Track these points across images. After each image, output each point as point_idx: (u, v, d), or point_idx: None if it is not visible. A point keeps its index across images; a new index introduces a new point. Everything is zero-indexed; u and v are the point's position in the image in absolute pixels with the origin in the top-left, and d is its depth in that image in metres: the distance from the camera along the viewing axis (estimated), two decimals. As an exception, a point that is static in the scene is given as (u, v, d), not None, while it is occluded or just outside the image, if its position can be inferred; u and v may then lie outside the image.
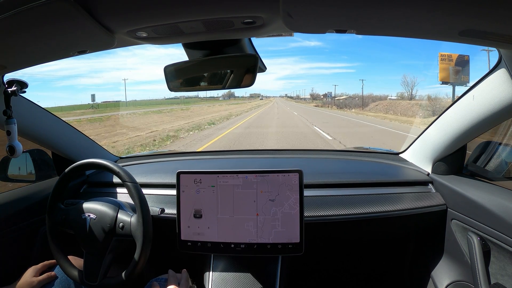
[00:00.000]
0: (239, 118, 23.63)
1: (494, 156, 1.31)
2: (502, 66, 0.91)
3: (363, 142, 10.92)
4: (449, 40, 0.76)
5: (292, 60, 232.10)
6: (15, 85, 1.02)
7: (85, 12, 0.62)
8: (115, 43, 0.80)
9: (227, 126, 17.54)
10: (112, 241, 1.08)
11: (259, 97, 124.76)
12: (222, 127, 17.10)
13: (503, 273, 1.03)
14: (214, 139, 11.73)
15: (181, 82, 1.01)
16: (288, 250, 1.10)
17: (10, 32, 0.69)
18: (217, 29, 0.77)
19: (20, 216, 1.27)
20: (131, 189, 1.08)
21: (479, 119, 1.06)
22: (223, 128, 16.41)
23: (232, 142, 10.62)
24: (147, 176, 1.48)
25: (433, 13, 0.60)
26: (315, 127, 15.72)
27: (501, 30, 0.65)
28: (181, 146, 10.59)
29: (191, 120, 22.53)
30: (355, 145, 8.36)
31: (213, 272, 1.16)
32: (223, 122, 20.90)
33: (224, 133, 13.62)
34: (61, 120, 1.47)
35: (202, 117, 25.73)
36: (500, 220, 1.01)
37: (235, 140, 11.28)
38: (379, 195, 1.32)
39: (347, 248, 1.66)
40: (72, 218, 1.12)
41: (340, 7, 0.61)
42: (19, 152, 1.04)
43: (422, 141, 1.46)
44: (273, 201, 1.11)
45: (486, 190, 1.15)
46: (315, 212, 1.24)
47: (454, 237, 1.23)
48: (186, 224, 1.14)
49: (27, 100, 1.24)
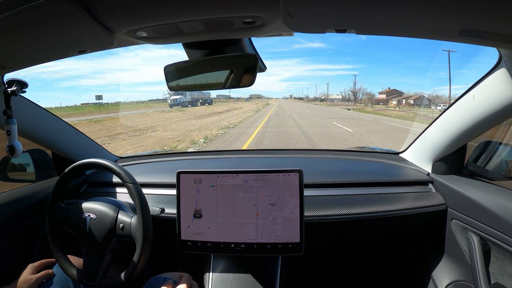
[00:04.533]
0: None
1: (494, 155, 1.31)
2: (502, 65, 0.91)
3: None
4: (449, 39, 0.76)
5: (295, 61, 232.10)
6: (15, 85, 1.02)
7: (85, 11, 0.62)
8: (115, 42, 0.80)
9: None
10: (112, 241, 1.08)
11: (246, 99, 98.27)
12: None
13: (503, 273, 1.03)
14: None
15: (181, 82, 1.01)
16: (288, 250, 1.10)
17: (10, 32, 0.69)
18: (217, 29, 0.76)
19: (20, 216, 1.27)
20: (132, 190, 1.08)
21: (479, 119, 1.06)
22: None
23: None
24: (147, 176, 1.48)
25: (433, 12, 0.60)
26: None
27: (501, 29, 0.65)
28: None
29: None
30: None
31: (213, 272, 1.16)
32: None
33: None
34: (61, 120, 1.47)
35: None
36: (500, 220, 1.01)
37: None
38: (379, 195, 1.32)
39: (347, 247, 1.66)
40: (72, 217, 1.12)
41: (340, 6, 0.61)
42: (19, 152, 1.04)
43: (422, 140, 1.46)
44: (273, 205, 1.11)
45: (486, 190, 1.15)
46: (315, 212, 1.24)
47: (454, 237, 1.23)
48: (186, 224, 1.14)
49: (27, 100, 1.24)
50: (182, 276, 1.05)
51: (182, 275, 1.06)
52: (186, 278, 1.04)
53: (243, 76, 0.93)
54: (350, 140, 11.25)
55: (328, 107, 48.77)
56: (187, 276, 1.05)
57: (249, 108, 40.12)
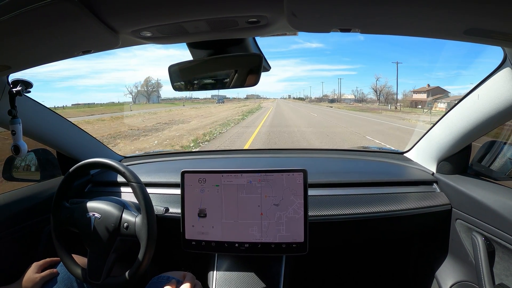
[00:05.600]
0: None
1: (499, 155, 1.30)
2: (507, 65, 0.91)
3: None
4: (454, 39, 0.76)
5: (293, 62, 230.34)
6: (20, 85, 1.02)
7: (89, 12, 0.62)
8: (120, 43, 0.80)
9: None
10: (116, 240, 1.09)
11: (218, 100, 77.44)
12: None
13: (507, 273, 1.03)
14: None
15: (185, 82, 1.01)
16: (292, 250, 1.10)
17: (14, 32, 0.69)
18: (221, 29, 0.77)
19: (25, 215, 1.28)
20: (136, 189, 1.08)
21: (484, 118, 1.06)
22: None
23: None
24: (152, 175, 1.49)
25: (438, 11, 0.60)
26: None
27: (506, 28, 0.65)
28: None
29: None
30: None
31: (217, 271, 1.16)
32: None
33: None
34: (65, 119, 1.48)
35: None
36: (505, 220, 1.01)
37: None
38: (383, 194, 1.32)
39: (351, 247, 1.66)
40: (76, 217, 1.12)
41: (344, 5, 0.61)
42: (24, 152, 1.04)
43: (426, 140, 1.45)
44: (277, 205, 1.11)
45: (491, 190, 1.14)
46: (319, 212, 1.24)
47: (459, 237, 1.23)
48: (190, 223, 1.14)
49: (32, 100, 1.25)
50: (185, 275, 1.05)
51: (185, 274, 1.06)
52: (190, 278, 1.04)
53: (247, 76, 0.93)
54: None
55: (361, 114, 28.33)
56: (191, 276, 1.05)
57: (207, 123, 19.78)
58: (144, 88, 59.40)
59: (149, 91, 60.37)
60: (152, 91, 61.09)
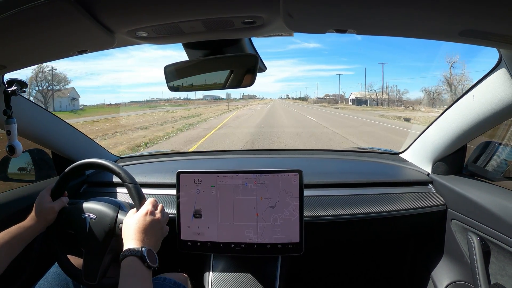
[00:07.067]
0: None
1: (494, 156, 1.31)
2: (502, 66, 0.91)
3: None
4: (449, 40, 0.76)
5: (290, 62, 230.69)
6: (15, 85, 1.02)
7: (85, 11, 0.62)
8: (115, 42, 0.80)
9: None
10: (111, 241, 1.08)
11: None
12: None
13: (503, 273, 1.03)
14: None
15: (181, 82, 1.01)
16: (288, 250, 1.10)
17: (10, 31, 0.69)
18: (217, 29, 0.77)
19: (20, 216, 1.27)
20: (132, 190, 1.07)
21: (479, 119, 1.06)
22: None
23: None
24: (147, 176, 1.48)
25: (433, 13, 0.60)
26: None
27: (502, 30, 0.65)
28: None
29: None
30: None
31: (213, 272, 1.16)
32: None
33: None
34: (61, 120, 1.47)
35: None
36: (500, 220, 1.01)
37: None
38: (379, 195, 1.32)
39: (346, 248, 1.66)
40: (72, 217, 1.11)
41: (340, 7, 0.61)
42: (19, 152, 1.04)
43: (422, 141, 1.46)
44: (273, 208, 1.11)
45: (486, 190, 1.15)
46: (314, 212, 1.24)
47: (454, 237, 1.23)
48: (186, 224, 1.14)
49: (27, 100, 1.24)
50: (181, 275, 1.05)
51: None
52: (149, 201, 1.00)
53: (243, 77, 0.93)
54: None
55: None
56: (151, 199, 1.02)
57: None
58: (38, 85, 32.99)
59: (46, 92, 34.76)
60: (56, 91, 36.60)
